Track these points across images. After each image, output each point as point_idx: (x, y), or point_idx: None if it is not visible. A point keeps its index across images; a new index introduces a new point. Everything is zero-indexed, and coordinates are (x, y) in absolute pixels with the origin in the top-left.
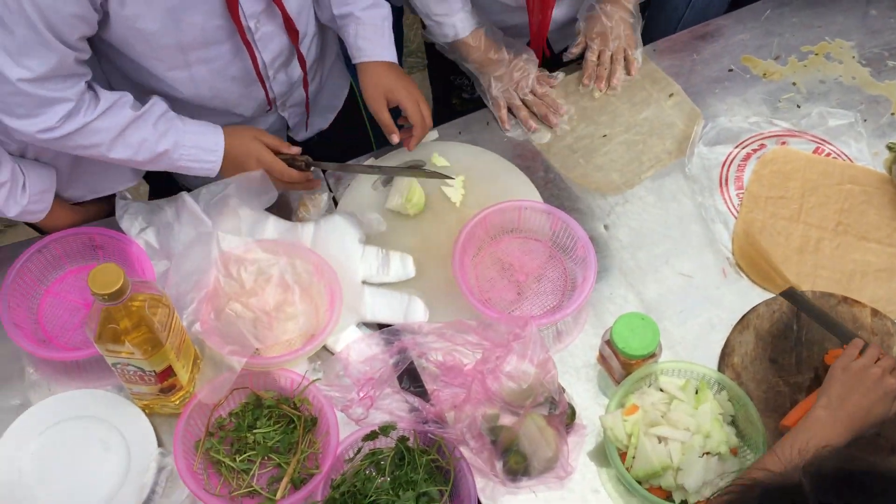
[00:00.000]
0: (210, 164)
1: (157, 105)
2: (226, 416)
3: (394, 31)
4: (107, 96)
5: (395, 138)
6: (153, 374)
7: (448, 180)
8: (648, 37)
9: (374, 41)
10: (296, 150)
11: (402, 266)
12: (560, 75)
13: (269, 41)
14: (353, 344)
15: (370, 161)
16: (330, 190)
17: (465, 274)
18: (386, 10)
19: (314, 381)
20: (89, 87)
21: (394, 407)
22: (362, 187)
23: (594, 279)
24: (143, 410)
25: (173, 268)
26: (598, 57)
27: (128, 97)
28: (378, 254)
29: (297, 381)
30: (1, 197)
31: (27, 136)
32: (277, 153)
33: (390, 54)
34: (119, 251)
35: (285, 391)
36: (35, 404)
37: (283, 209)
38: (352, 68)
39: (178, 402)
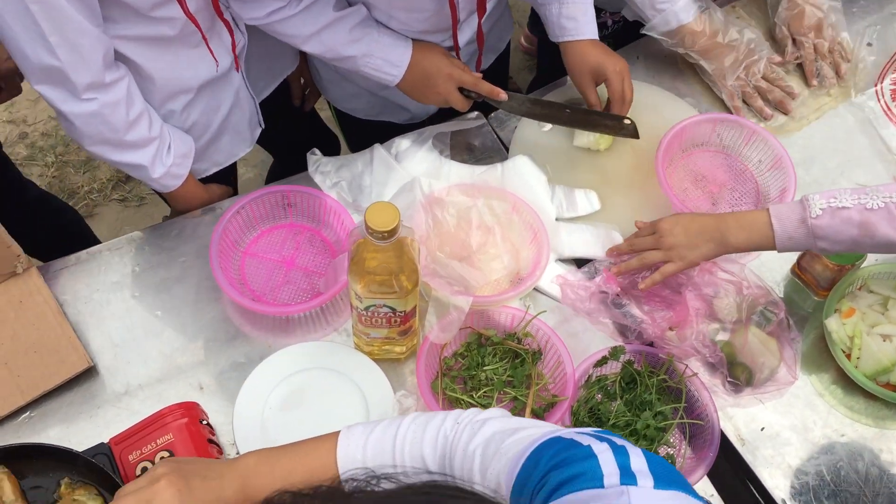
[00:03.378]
0: (391, 76)
1: (357, 11)
2: (450, 357)
3: None
4: None
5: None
6: (402, 314)
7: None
8: None
9: (578, 20)
10: (478, 75)
11: (587, 201)
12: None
13: None
14: (561, 276)
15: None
16: (494, 132)
17: (667, 182)
18: None
19: (539, 314)
20: None
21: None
22: (531, 128)
23: (794, 190)
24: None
25: None
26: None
27: None
28: (564, 191)
29: (520, 316)
30: (149, 154)
31: (240, 16)
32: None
33: (593, 31)
34: (312, 207)
35: (507, 327)
36: (265, 359)
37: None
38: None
39: (402, 348)
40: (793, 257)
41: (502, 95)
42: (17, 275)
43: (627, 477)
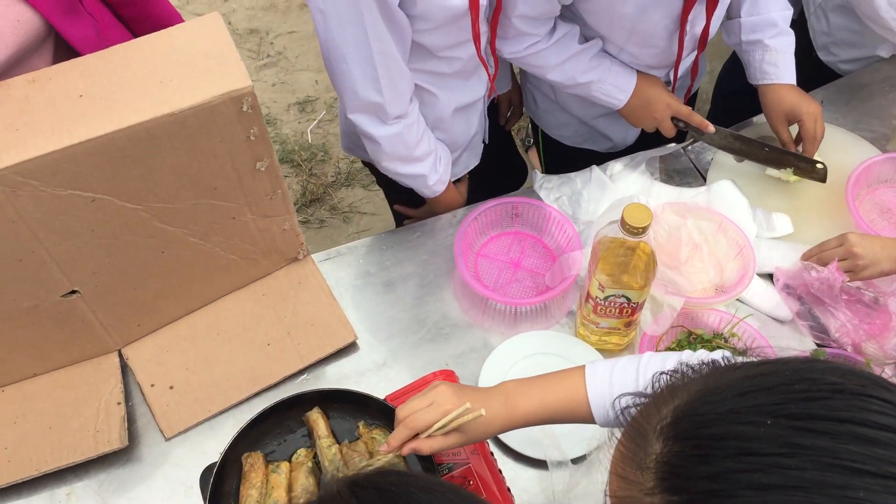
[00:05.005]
0: (618, 100)
1: (595, 44)
2: (663, 350)
3: None
4: (561, 27)
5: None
6: (634, 305)
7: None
8: None
9: (779, 66)
10: (689, 108)
11: (783, 223)
12: None
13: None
14: (761, 291)
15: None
16: (690, 160)
17: (857, 211)
18: (791, 38)
19: (746, 316)
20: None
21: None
22: (727, 157)
23: None
24: None
25: (597, 225)
26: None
27: (575, 30)
28: (762, 213)
29: (727, 318)
30: (428, 165)
31: (501, 52)
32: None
33: (791, 77)
34: (536, 217)
35: (714, 328)
36: (501, 343)
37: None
38: None
39: (622, 339)
40: None
41: (710, 128)
42: (298, 260)
43: None
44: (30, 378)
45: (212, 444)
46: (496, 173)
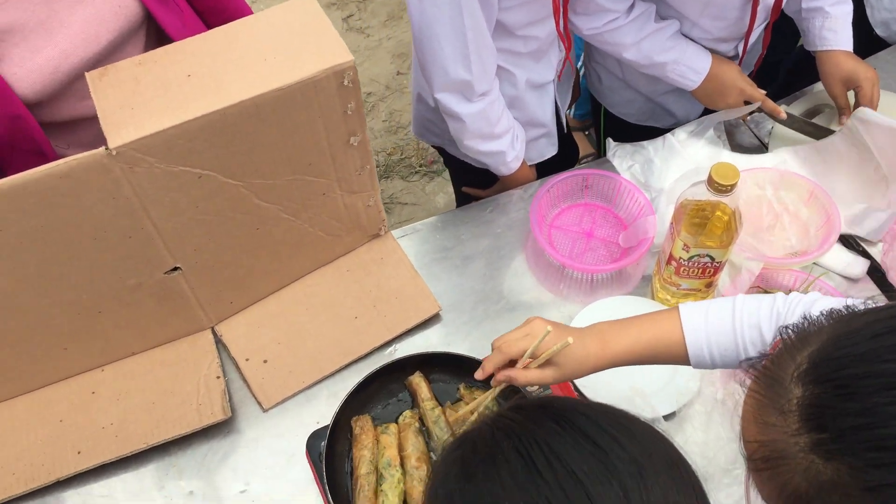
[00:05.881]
0: (692, 82)
1: (672, 24)
2: None
3: None
4: (639, 6)
5: (844, 119)
6: (717, 265)
7: None
8: None
9: (838, 32)
10: (763, 92)
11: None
12: None
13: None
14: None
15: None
16: (751, 130)
17: None
18: (850, 7)
19: (821, 275)
20: None
21: None
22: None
23: None
24: None
25: (670, 191)
26: None
27: (652, 9)
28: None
29: (802, 277)
30: (506, 142)
31: (579, 28)
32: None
33: (849, 44)
34: (607, 187)
35: (790, 287)
36: (584, 309)
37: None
38: None
39: (699, 298)
40: None
41: (782, 115)
42: (379, 236)
43: None
44: (129, 357)
45: (309, 414)
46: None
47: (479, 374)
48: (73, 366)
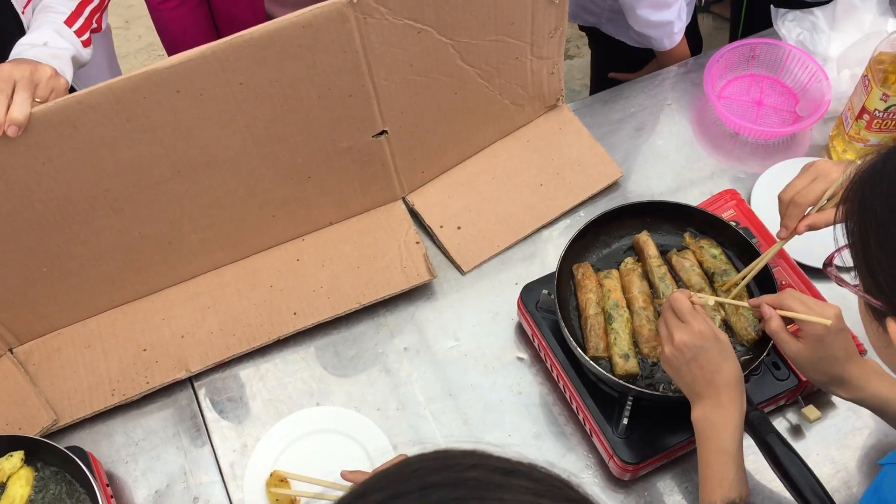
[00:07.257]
0: None
1: None
2: None
3: None
4: None
5: None
6: None
7: None
8: None
9: None
10: None
11: None
12: None
13: None
14: None
15: None
16: None
17: None
18: None
19: None
20: None
21: None
22: None
23: None
24: None
25: (844, 58)
26: None
27: None
28: None
29: None
30: (675, 12)
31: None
32: None
33: None
34: (773, 57)
35: None
36: (763, 173)
37: None
38: None
39: None
40: None
41: None
42: (556, 107)
43: None
44: (327, 227)
45: (507, 275)
46: None
47: (782, 233)
48: (278, 234)
